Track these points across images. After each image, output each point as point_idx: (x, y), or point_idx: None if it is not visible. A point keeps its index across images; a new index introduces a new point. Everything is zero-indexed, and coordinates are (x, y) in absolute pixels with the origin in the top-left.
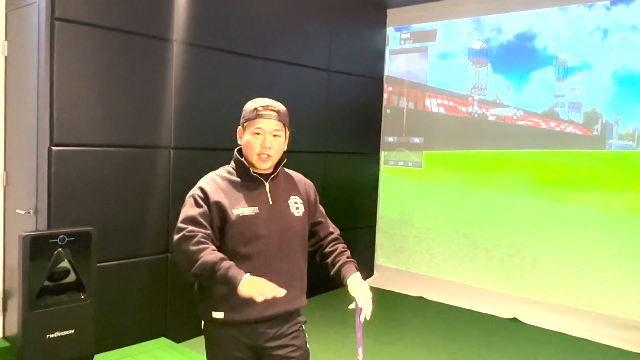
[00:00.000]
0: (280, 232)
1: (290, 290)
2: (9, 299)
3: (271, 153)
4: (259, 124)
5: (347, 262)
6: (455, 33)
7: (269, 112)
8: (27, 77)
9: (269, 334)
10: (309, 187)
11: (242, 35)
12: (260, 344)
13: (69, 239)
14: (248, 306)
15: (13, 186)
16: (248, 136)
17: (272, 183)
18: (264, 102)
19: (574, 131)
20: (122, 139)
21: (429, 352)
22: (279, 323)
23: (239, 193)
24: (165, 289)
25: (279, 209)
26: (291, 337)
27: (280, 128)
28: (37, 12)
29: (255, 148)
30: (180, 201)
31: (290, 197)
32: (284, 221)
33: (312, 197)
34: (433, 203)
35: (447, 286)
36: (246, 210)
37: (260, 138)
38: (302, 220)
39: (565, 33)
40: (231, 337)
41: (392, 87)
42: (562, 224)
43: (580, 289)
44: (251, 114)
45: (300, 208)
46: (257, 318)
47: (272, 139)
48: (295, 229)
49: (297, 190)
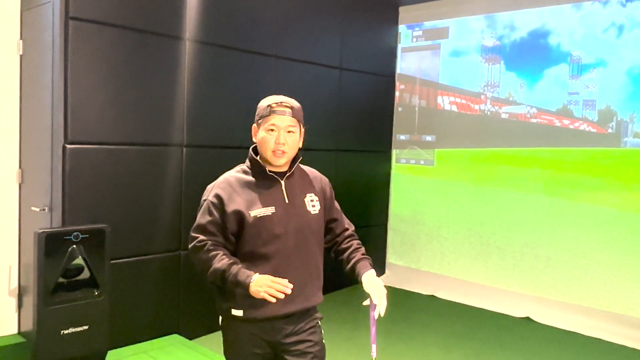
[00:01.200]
0: (296, 230)
1: (307, 288)
2: (24, 295)
3: (286, 149)
4: (272, 120)
5: (362, 258)
6: (468, 30)
7: (283, 109)
8: (41, 75)
9: (287, 330)
10: (324, 183)
11: (254, 33)
12: (278, 339)
13: (83, 236)
14: (266, 304)
15: (28, 183)
16: (262, 133)
17: (287, 181)
18: (278, 98)
19: (588, 129)
20: (135, 137)
21: (441, 350)
22: (296, 319)
23: (254, 193)
24: (177, 286)
25: (296, 208)
26: (308, 332)
27: (294, 124)
28: (52, 11)
29: (270, 144)
30: (193, 199)
31: (306, 195)
32: (301, 219)
33: (328, 193)
34: (445, 201)
35: (459, 285)
36: (262, 211)
37: (274, 134)
38: (319, 217)
39: (580, 30)
40: (249, 333)
41: (404, 85)
42: (576, 222)
43: (594, 288)
44: (265, 110)
45: (317, 205)
46: (275, 315)
47: (287, 135)
48: (312, 226)
49: (313, 187)
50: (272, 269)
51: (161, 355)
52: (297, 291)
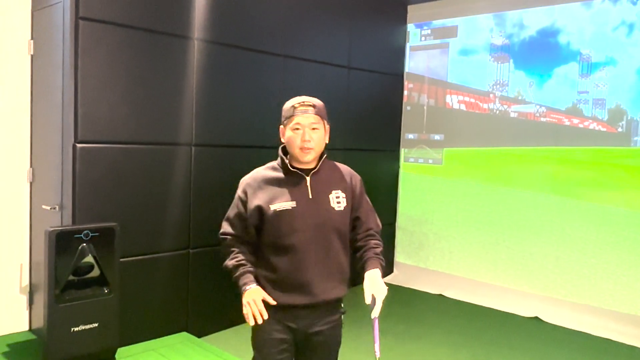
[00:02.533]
0: (317, 225)
1: (327, 281)
2: (35, 293)
3: (312, 146)
4: (297, 120)
5: (372, 257)
6: (477, 29)
7: (305, 107)
8: (52, 75)
9: (310, 320)
10: (356, 181)
11: (263, 33)
12: (301, 328)
13: (93, 234)
14: (290, 290)
15: (39, 182)
16: (289, 132)
17: (313, 178)
18: (300, 99)
19: (598, 128)
20: (145, 136)
21: (449, 350)
22: (319, 311)
23: (280, 188)
24: (186, 284)
25: (318, 203)
26: (330, 326)
27: (317, 121)
28: (62, 12)
29: (297, 142)
30: (201, 197)
31: (332, 192)
32: (322, 215)
33: (358, 191)
34: (453, 200)
35: (467, 284)
36: (283, 205)
37: (299, 133)
38: (343, 214)
39: (590, 28)
40: (274, 318)
41: (412, 84)
42: (585, 222)
43: (603, 288)
44: (289, 111)
45: (342, 202)
46: (296, 304)
47: (311, 132)
48: (335, 222)
49: (341, 184)
50: (292, 260)
51: (170, 353)
52: (317, 284)
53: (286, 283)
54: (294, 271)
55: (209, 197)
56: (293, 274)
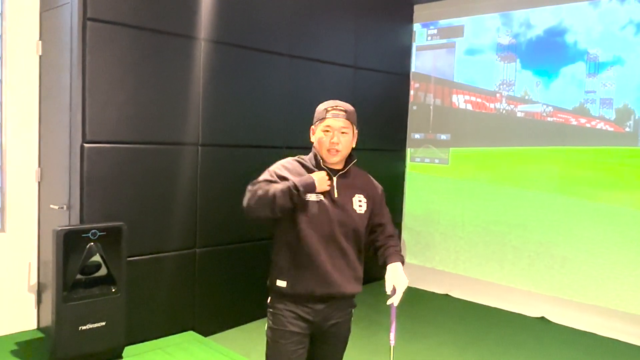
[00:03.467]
0: (338, 223)
1: (344, 276)
2: (43, 292)
3: (339, 148)
4: (328, 122)
5: (394, 253)
6: (483, 28)
7: (337, 112)
8: (60, 76)
9: (325, 313)
10: (377, 189)
11: (269, 33)
12: (317, 321)
13: (100, 234)
14: (307, 280)
15: (47, 182)
16: (319, 134)
17: (340, 179)
18: (334, 103)
19: (605, 128)
20: (152, 137)
21: (455, 350)
22: (334, 305)
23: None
24: (193, 283)
25: (342, 203)
26: (343, 320)
27: (347, 126)
28: (70, 13)
29: (325, 144)
30: (208, 197)
31: (355, 195)
32: (343, 214)
33: (378, 199)
34: (460, 200)
35: (473, 284)
36: (312, 196)
37: (329, 135)
38: (363, 217)
39: (597, 27)
40: (292, 311)
41: (418, 84)
42: (592, 222)
43: (611, 289)
44: (322, 113)
45: (364, 207)
46: (314, 293)
47: (340, 136)
48: (354, 223)
49: (364, 190)
50: (311, 252)
51: (177, 352)
52: (335, 276)
53: (305, 273)
54: (313, 262)
55: (216, 197)
56: (312, 265)
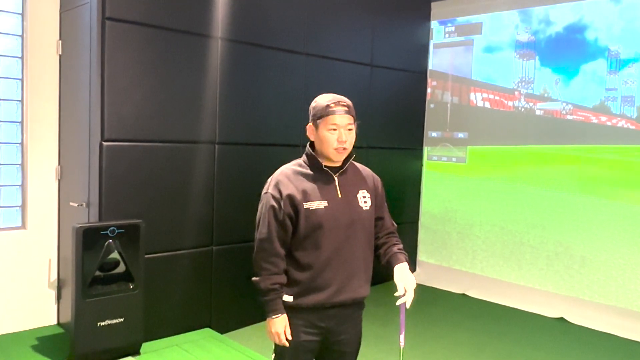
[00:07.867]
0: (347, 224)
1: (355, 280)
2: (63, 288)
3: (347, 146)
4: (334, 120)
5: (397, 252)
6: (502, 26)
7: (341, 108)
8: (79, 75)
9: (338, 318)
10: (377, 181)
11: (285, 31)
12: (330, 326)
13: (118, 231)
14: (316, 292)
15: (67, 180)
16: (324, 132)
17: (341, 177)
18: (335, 97)
19: (626, 126)
20: (169, 135)
21: (472, 349)
22: (347, 309)
23: (311, 185)
24: (209, 281)
25: (348, 203)
26: (355, 323)
27: (351, 121)
28: (89, 12)
29: (332, 143)
30: (224, 195)
31: (359, 191)
32: (352, 214)
33: (379, 191)
34: (477, 199)
35: (491, 284)
36: (316, 204)
37: (336, 133)
38: (370, 213)
39: (618, 24)
40: (303, 319)
41: (436, 82)
42: (612, 221)
43: (631, 289)
44: (324, 110)
45: (368, 202)
46: (324, 304)
47: (347, 133)
48: (363, 221)
49: (365, 184)
50: (322, 259)
51: (194, 349)
52: (345, 282)
53: (316, 282)
54: (324, 271)
55: (232, 195)
56: (323, 274)
